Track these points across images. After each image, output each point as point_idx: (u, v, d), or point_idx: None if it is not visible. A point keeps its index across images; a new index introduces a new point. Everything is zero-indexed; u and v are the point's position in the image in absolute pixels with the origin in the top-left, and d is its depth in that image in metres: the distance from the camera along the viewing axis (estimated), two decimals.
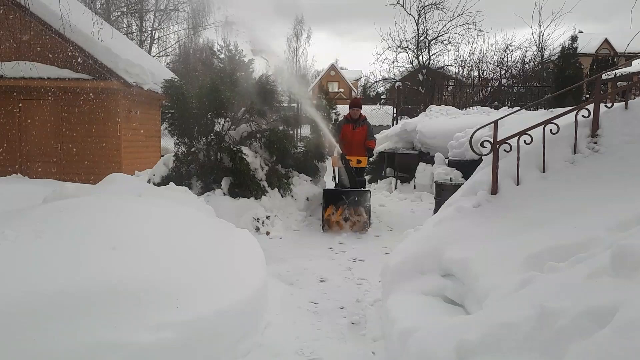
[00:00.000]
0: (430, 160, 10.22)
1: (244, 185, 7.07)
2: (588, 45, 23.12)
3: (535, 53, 21.31)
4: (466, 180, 4.65)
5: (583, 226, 2.73)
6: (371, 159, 9.11)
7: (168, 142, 11.43)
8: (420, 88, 18.35)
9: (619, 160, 3.34)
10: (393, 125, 14.83)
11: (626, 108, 3.68)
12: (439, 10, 19.31)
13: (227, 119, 7.58)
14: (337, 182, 7.74)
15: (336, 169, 7.65)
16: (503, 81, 20.57)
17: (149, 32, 26.64)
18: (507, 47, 21.64)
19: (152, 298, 2.54)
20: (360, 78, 41.74)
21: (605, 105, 3.74)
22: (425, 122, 11.27)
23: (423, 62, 19.95)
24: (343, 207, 7.11)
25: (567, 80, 12.94)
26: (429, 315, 2.78)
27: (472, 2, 26.55)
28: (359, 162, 7.66)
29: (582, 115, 3.62)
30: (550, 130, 3.61)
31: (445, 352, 1.99)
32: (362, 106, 8.23)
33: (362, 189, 7.46)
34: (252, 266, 3.70)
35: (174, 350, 2.42)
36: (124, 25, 25.02)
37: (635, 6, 5.28)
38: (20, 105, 10.83)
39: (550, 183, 3.46)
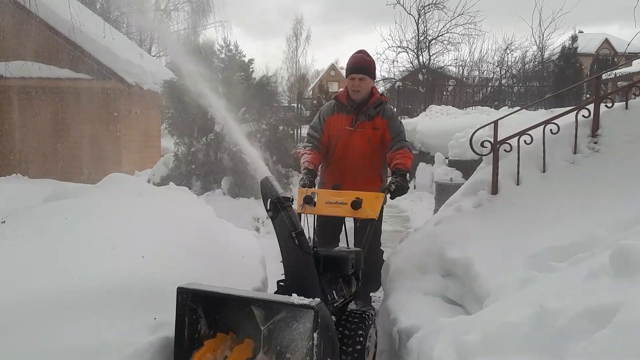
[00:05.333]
0: (430, 160, 10.23)
1: (244, 185, 7.07)
2: (588, 45, 23.10)
3: (536, 53, 21.33)
4: (466, 180, 4.65)
5: (583, 226, 2.73)
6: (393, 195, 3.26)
7: (168, 142, 11.44)
8: (420, 88, 18.35)
9: (619, 160, 3.34)
10: None
11: (626, 108, 3.68)
12: (439, 10, 19.32)
13: None
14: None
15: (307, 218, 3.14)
16: (503, 81, 20.58)
17: (149, 31, 26.62)
18: (507, 47, 21.64)
19: (152, 298, 2.54)
20: None
21: (606, 105, 3.73)
22: (425, 122, 11.28)
23: (423, 62, 19.93)
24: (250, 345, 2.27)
25: (568, 80, 12.94)
26: (429, 315, 2.78)
27: (472, 2, 26.55)
28: (355, 204, 2.96)
29: (583, 115, 3.62)
30: (551, 130, 3.60)
31: (445, 352, 1.99)
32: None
33: (361, 307, 3.28)
34: (252, 266, 3.71)
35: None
36: (124, 25, 25.01)
37: (638, 6, 5.26)
38: (20, 105, 10.83)
39: (550, 183, 3.46)
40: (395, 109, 3.34)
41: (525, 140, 3.61)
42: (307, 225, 3.03)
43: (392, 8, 19.20)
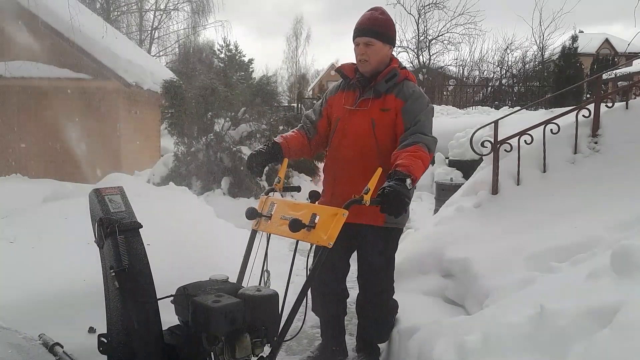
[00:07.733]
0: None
1: (244, 185, 7.07)
2: (589, 45, 23.05)
3: (536, 53, 21.29)
4: (466, 180, 4.65)
5: (584, 226, 2.73)
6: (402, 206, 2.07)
7: (168, 142, 11.44)
8: (421, 88, 18.34)
9: (619, 160, 3.33)
10: None
11: (627, 108, 3.68)
12: (439, 10, 19.32)
13: (227, 119, 7.58)
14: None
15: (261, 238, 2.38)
16: (503, 81, 20.55)
17: (149, 31, 26.64)
18: (507, 47, 21.61)
19: None
20: None
21: (606, 105, 3.74)
22: None
23: (423, 61, 19.93)
24: None
25: (568, 80, 12.93)
26: (429, 315, 2.78)
27: (472, 1, 26.53)
28: (295, 223, 2.04)
29: (583, 115, 3.62)
30: (551, 130, 3.60)
31: (445, 353, 1.98)
32: None
33: None
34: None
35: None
36: (124, 25, 25.01)
37: (638, 6, 5.25)
38: (20, 104, 10.82)
39: (550, 183, 3.45)
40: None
41: (525, 140, 3.61)
42: (259, 247, 2.33)
43: (392, 8, 19.18)
